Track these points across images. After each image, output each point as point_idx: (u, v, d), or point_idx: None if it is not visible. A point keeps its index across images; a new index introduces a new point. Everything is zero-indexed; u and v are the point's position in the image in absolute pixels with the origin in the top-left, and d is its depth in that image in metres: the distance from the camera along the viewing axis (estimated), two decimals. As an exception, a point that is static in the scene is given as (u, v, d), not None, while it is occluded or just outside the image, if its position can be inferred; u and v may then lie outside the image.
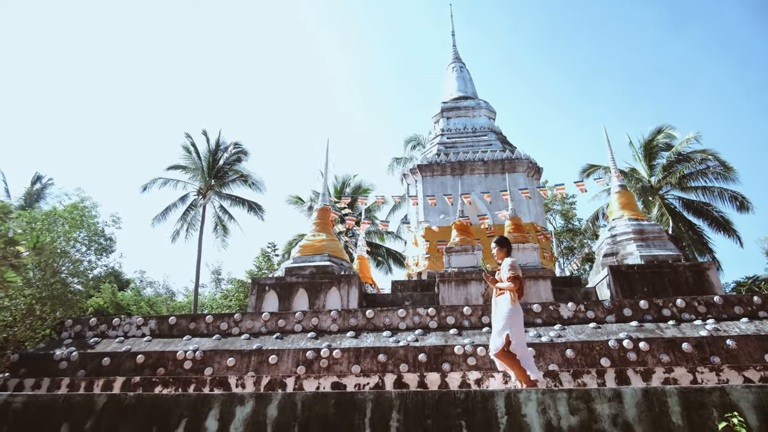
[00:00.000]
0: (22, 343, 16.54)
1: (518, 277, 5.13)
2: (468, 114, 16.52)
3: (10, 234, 10.96)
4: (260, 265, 23.68)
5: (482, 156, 14.74)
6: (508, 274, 5.14)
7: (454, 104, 16.94)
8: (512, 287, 5.10)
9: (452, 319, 7.67)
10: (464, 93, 17.48)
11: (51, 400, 4.52)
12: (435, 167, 14.70)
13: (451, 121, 16.51)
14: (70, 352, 7.73)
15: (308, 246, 11.65)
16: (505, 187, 14.13)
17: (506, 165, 14.49)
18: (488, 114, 16.63)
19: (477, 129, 16.03)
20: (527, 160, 14.62)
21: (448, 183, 14.43)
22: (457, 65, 18.48)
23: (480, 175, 14.40)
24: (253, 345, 7.55)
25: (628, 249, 10.62)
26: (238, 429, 3.99)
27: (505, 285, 5.16)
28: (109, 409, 4.29)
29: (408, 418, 3.86)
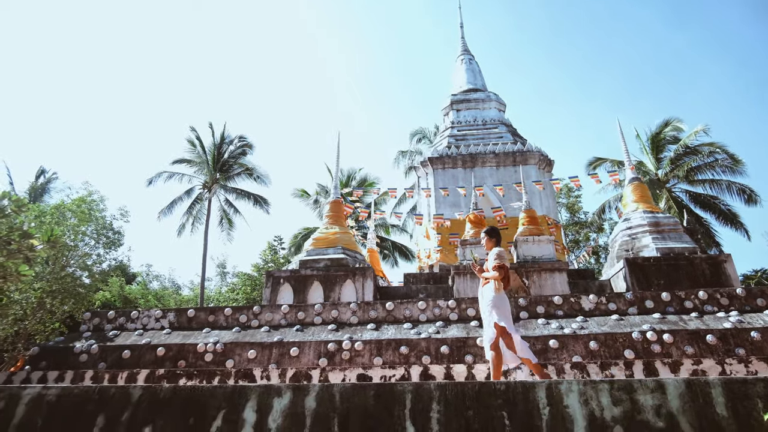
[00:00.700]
0: (33, 337, 16.57)
1: (503, 267, 5.13)
2: (478, 106, 16.43)
3: (25, 227, 10.95)
4: (267, 259, 23.65)
5: (493, 148, 14.67)
6: (494, 263, 5.14)
7: (463, 96, 16.84)
8: (497, 276, 5.08)
9: (473, 311, 7.65)
10: (474, 85, 17.37)
11: (85, 392, 4.50)
12: (446, 160, 14.64)
13: (461, 114, 16.42)
14: (90, 344, 7.73)
15: (322, 239, 11.63)
16: (516, 179, 14.08)
17: (518, 157, 14.42)
18: (498, 106, 16.54)
19: (487, 121, 15.95)
20: (539, 152, 14.55)
21: (460, 175, 14.37)
22: (466, 57, 18.35)
23: (491, 168, 14.34)
24: (273, 337, 7.54)
25: (644, 241, 10.59)
26: (276, 420, 3.97)
27: (490, 274, 5.16)
28: (145, 401, 4.27)
29: (449, 409, 3.84)
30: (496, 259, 5.16)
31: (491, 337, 5.01)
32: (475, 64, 18.27)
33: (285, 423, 3.97)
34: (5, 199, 9.18)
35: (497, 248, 5.35)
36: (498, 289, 5.09)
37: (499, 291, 5.09)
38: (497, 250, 5.29)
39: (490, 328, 5.04)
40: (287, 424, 3.97)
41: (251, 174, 28.97)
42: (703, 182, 23.45)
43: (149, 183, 26.99)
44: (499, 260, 5.14)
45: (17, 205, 10.25)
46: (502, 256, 5.21)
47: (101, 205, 17.94)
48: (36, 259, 12.08)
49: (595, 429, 3.64)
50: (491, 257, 5.25)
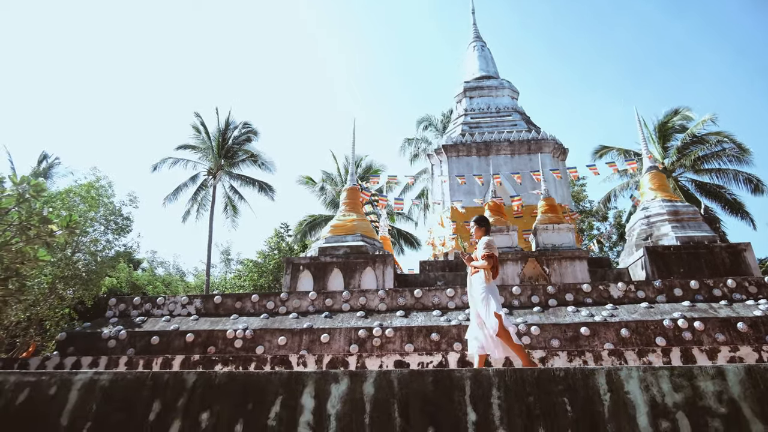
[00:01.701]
0: (43, 322, 16.56)
1: (492, 256, 5.10)
2: (491, 94, 16.32)
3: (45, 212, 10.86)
4: (273, 245, 23.63)
5: (508, 136, 14.60)
6: (483, 252, 5.10)
7: (476, 84, 16.71)
8: (486, 266, 5.05)
9: (501, 298, 7.66)
10: (486, 72, 17.23)
11: (138, 378, 4.49)
12: (460, 147, 14.56)
13: (474, 101, 16.30)
14: (117, 330, 7.72)
15: (340, 226, 11.61)
16: (531, 167, 14.07)
17: (533, 146, 14.38)
18: (511, 94, 16.43)
19: (501, 109, 15.85)
20: (553, 140, 14.50)
21: (474, 163, 14.32)
22: (478, 44, 18.17)
23: (506, 156, 14.29)
24: (303, 324, 7.56)
25: (663, 230, 10.63)
26: (335, 406, 3.98)
27: (479, 263, 5.12)
28: (200, 387, 4.26)
29: (509, 395, 3.86)
30: (486, 248, 5.12)
31: (495, 328, 4.95)
32: (488, 51, 18.10)
33: (344, 409, 3.98)
34: (24, 183, 9.09)
35: (486, 237, 5.31)
36: (488, 278, 5.08)
37: (488, 281, 5.07)
38: (486, 239, 5.25)
39: (490, 319, 4.99)
40: (347, 409, 3.98)
41: (256, 160, 28.79)
42: (709, 171, 23.49)
43: (154, 169, 26.83)
44: (488, 249, 5.10)
45: (36, 189, 10.17)
46: (492, 245, 5.18)
47: (110, 190, 17.83)
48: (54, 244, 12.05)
49: (657, 415, 3.67)
50: (480, 246, 5.22)
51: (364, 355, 6.35)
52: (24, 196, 9.08)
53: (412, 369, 4.54)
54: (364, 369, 6.16)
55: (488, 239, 5.26)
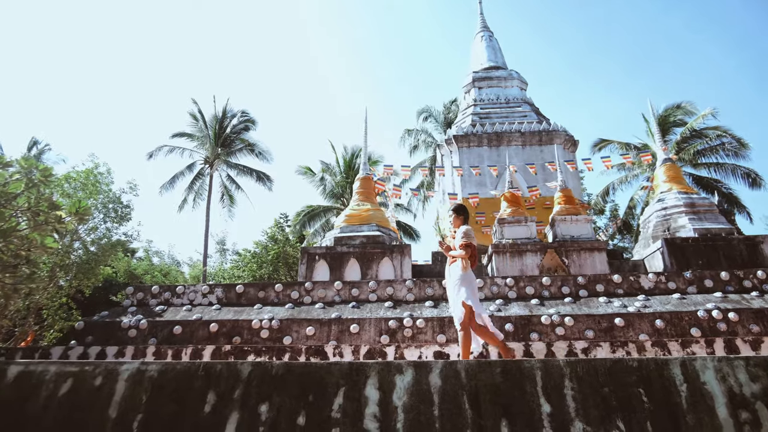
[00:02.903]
0: (42, 311, 16.13)
1: (470, 245, 5.05)
2: (500, 84, 16.18)
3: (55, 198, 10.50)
4: (273, 236, 23.32)
5: (519, 127, 14.50)
6: (461, 241, 5.06)
7: (485, 74, 16.55)
8: (464, 255, 5.00)
9: (531, 289, 7.61)
10: (495, 63, 17.08)
11: (188, 368, 4.30)
12: (471, 138, 14.44)
13: (483, 92, 16.16)
14: (138, 320, 7.50)
15: (354, 216, 11.44)
16: (542, 159, 14.01)
17: (544, 137, 14.31)
18: (520, 85, 16.33)
19: (510, 100, 15.74)
20: (564, 132, 14.45)
21: (485, 154, 14.21)
22: (486, 34, 17.99)
23: (517, 147, 14.20)
24: (330, 314, 7.41)
25: (680, 222, 10.65)
26: (401, 398, 3.85)
27: (457, 252, 5.07)
28: (256, 378, 4.10)
29: (582, 386, 3.76)
30: (464, 237, 5.07)
31: (460, 317, 4.92)
32: (495, 41, 17.93)
33: (411, 401, 3.85)
34: (32, 167, 8.75)
35: (465, 226, 5.26)
36: (465, 267, 5.00)
37: (466, 269, 5.00)
38: (465, 228, 5.19)
39: (458, 308, 4.95)
40: (414, 401, 3.85)
41: (253, 150, 28.37)
42: (707, 165, 23.73)
43: (150, 157, 26.28)
44: (466, 238, 5.06)
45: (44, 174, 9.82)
46: (470, 235, 5.12)
47: (109, 177, 17.37)
48: (64, 231, 11.68)
49: (736, 405, 3.60)
50: (458, 235, 5.17)
51: (402, 346, 6.23)
52: (33, 180, 8.75)
53: (479, 359, 4.42)
54: (403, 360, 6.05)
55: (466, 228, 5.20)
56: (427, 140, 28.52)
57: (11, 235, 8.32)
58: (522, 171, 13.51)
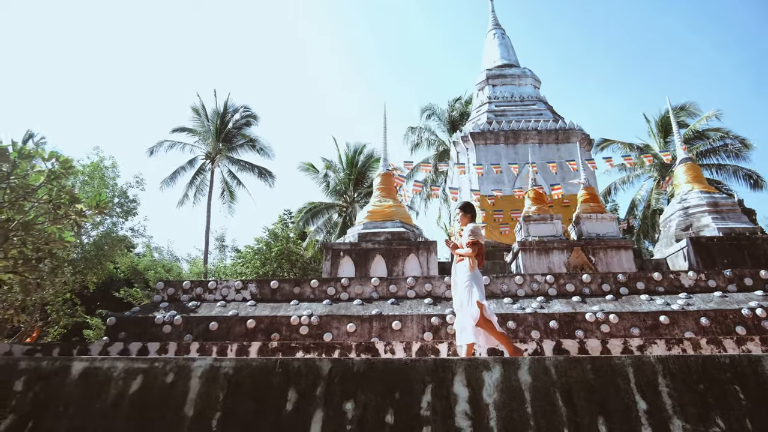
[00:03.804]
0: (47, 306, 15.78)
1: (477, 243, 4.97)
2: (514, 82, 16.17)
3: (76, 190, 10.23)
4: (278, 232, 23.08)
5: (536, 125, 14.50)
6: (468, 239, 4.97)
7: (499, 72, 16.52)
8: (470, 253, 4.92)
9: (571, 286, 7.58)
10: (508, 60, 17.06)
11: (264, 365, 4.17)
12: (488, 135, 14.40)
13: (497, 89, 16.13)
14: (172, 315, 7.31)
15: (377, 212, 11.33)
16: (558, 157, 14.03)
17: (560, 135, 14.32)
18: (534, 83, 16.33)
19: (525, 98, 15.73)
20: (580, 131, 14.47)
21: (502, 152, 14.18)
22: (498, 32, 17.97)
23: (534, 145, 14.19)
24: (371, 310, 7.30)
25: (703, 221, 10.72)
26: (492, 395, 3.76)
27: (463, 251, 5.00)
28: (337, 375, 3.98)
29: (677, 383, 3.71)
30: (471, 235, 4.98)
31: (475, 317, 4.81)
32: (507, 38, 17.92)
33: (502, 398, 3.77)
34: (52, 159, 8.49)
35: (472, 224, 5.16)
36: (472, 267, 4.92)
37: (473, 269, 4.92)
38: (472, 226, 5.10)
39: (472, 307, 4.83)
40: (505, 398, 3.76)
41: (254, 145, 28.07)
42: (710, 167, 24.02)
43: (150, 152, 25.85)
44: (473, 236, 4.97)
45: (64, 166, 9.56)
46: (477, 233, 5.04)
47: (115, 171, 17.03)
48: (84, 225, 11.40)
49: (834, 402, 3.59)
50: (465, 233, 5.07)
51: (455, 343, 6.14)
52: (55, 173, 8.51)
53: (567, 356, 4.35)
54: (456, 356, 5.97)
55: (474, 226, 5.11)
56: (430, 138, 28.48)
57: (32, 228, 8.04)
58: (540, 169, 13.50)
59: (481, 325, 4.81)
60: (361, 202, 27.55)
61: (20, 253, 8.36)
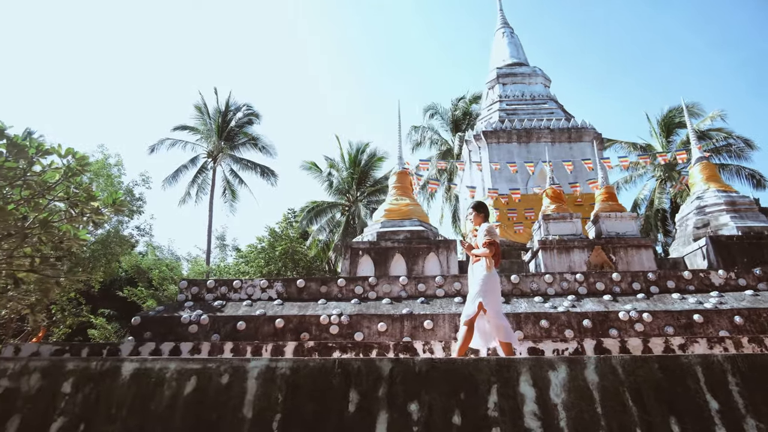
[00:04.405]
0: (52, 305, 15.54)
1: (494, 243, 4.87)
2: (524, 81, 16.15)
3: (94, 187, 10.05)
4: (282, 230, 22.91)
5: (548, 124, 14.49)
6: (484, 239, 4.87)
7: (509, 70, 16.50)
8: (487, 253, 4.82)
9: (602, 285, 7.54)
10: (517, 59, 17.05)
11: (322, 365, 4.07)
12: (501, 134, 14.36)
13: (507, 88, 16.10)
14: (198, 315, 7.19)
15: (394, 210, 11.25)
16: (570, 156, 14.02)
17: (573, 134, 14.32)
18: (544, 82, 16.33)
19: (536, 96, 15.72)
20: (593, 130, 14.48)
21: (514, 150, 14.15)
22: (507, 30, 17.95)
23: (546, 144, 14.16)
24: (401, 309, 7.22)
25: (722, 220, 10.73)
26: (559, 395, 3.69)
27: (480, 251, 4.88)
28: (398, 375, 3.90)
29: (746, 381, 3.66)
30: (487, 235, 4.88)
31: (469, 315, 4.76)
32: (516, 37, 17.90)
33: (570, 397, 3.70)
34: (69, 155, 8.32)
35: (486, 224, 5.07)
36: (489, 266, 4.81)
37: (490, 269, 4.81)
38: (487, 226, 5.00)
39: (472, 305, 4.77)
40: (573, 398, 3.69)
41: (256, 144, 27.90)
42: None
43: (152, 150, 25.60)
44: (489, 236, 4.86)
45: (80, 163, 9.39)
46: (493, 232, 4.94)
47: (121, 168, 16.82)
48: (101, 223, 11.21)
49: None
50: (481, 233, 4.97)
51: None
52: (72, 170, 8.34)
53: (634, 355, 4.29)
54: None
55: (489, 226, 5.02)
56: (433, 137, 28.43)
57: (51, 226, 7.87)
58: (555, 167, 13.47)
59: (470, 324, 4.72)
60: (364, 201, 27.45)
61: (38, 252, 8.18)
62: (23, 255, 7.99)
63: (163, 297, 19.26)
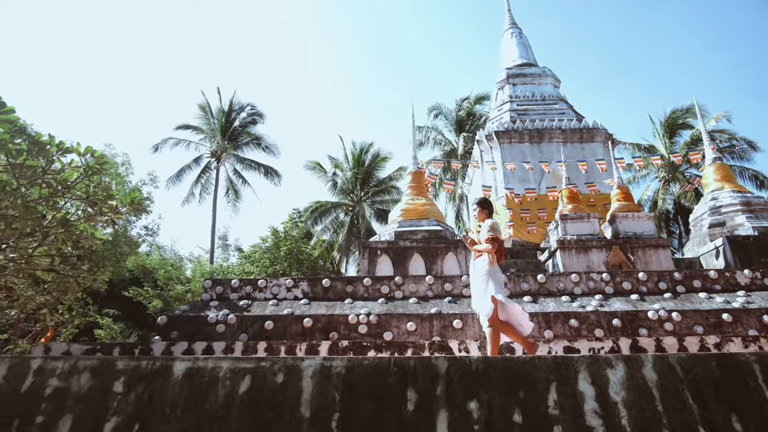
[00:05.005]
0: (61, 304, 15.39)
1: (496, 239, 4.92)
2: (534, 81, 16.20)
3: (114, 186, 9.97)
4: (287, 230, 22.82)
5: (560, 124, 14.52)
6: (487, 235, 4.93)
7: (519, 71, 16.54)
8: (489, 249, 4.87)
9: (628, 284, 7.57)
10: (527, 60, 17.09)
11: (377, 363, 4.05)
12: (513, 134, 14.39)
13: (517, 88, 16.14)
14: (225, 314, 7.14)
15: (411, 210, 11.25)
16: (582, 156, 14.06)
17: (584, 134, 14.36)
18: (554, 82, 16.38)
19: (546, 97, 15.76)
20: (604, 130, 14.53)
21: (527, 150, 14.17)
22: (515, 31, 17.99)
23: (558, 144, 14.19)
24: (429, 309, 7.21)
25: (737, 220, 10.80)
26: (618, 393, 3.68)
27: (482, 247, 4.93)
28: (455, 373, 3.87)
29: (806, 380, 3.69)
30: (489, 231, 4.93)
31: (488, 312, 4.76)
32: (525, 38, 17.95)
33: (630, 396, 3.69)
34: (88, 154, 8.25)
35: (490, 220, 5.11)
36: (492, 262, 4.85)
37: (492, 264, 4.84)
38: (490, 222, 5.05)
39: (486, 303, 4.78)
40: (633, 396, 3.69)
41: (259, 143, 27.77)
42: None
43: (155, 149, 25.42)
44: (492, 232, 4.92)
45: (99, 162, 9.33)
46: (496, 228, 4.99)
47: (128, 168, 16.72)
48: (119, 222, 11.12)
49: None
50: (484, 229, 5.01)
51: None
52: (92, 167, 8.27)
53: (690, 353, 4.29)
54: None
55: (492, 222, 5.07)
56: (437, 138, 28.44)
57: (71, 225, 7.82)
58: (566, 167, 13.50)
59: (493, 322, 4.72)
60: (368, 202, 27.42)
61: (58, 251, 8.11)
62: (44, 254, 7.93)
63: (169, 297, 19.16)
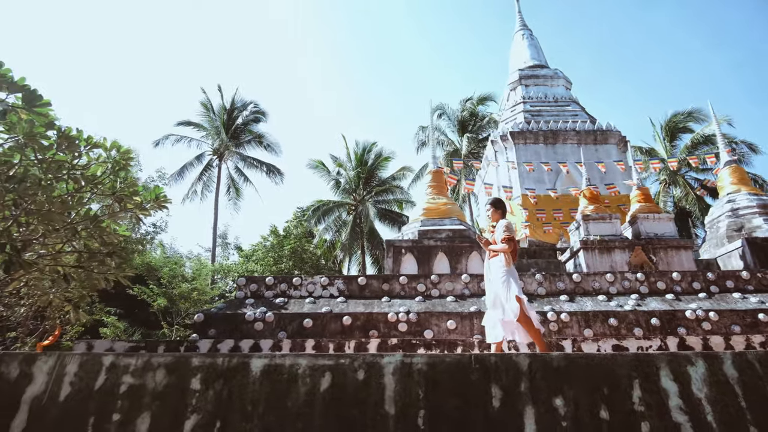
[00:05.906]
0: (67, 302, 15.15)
1: (512, 239, 4.95)
2: (546, 83, 16.32)
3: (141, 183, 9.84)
4: (293, 227, 22.73)
5: (573, 126, 14.65)
6: (503, 235, 4.96)
7: (531, 72, 16.65)
8: (506, 249, 4.91)
9: (662, 284, 7.64)
10: (538, 61, 17.21)
11: (458, 360, 4.03)
12: (527, 135, 14.47)
13: (530, 89, 16.24)
14: (263, 312, 7.08)
15: (433, 209, 11.26)
16: (596, 158, 14.20)
17: (599, 136, 14.50)
18: (566, 84, 16.52)
19: (558, 99, 15.89)
20: (618, 132, 14.69)
21: (541, 151, 14.27)
22: (526, 32, 18.11)
23: (572, 145, 14.32)
24: (469, 307, 7.22)
25: (755, 222, 10.97)
26: (701, 390, 3.72)
27: (498, 247, 4.98)
28: (537, 370, 3.88)
29: None
30: (505, 231, 4.97)
31: (516, 312, 4.82)
32: (536, 39, 18.07)
33: (712, 392, 3.73)
34: (114, 149, 8.15)
35: (504, 220, 5.16)
36: (508, 263, 4.91)
37: (509, 264, 4.91)
38: (505, 222, 5.08)
39: (511, 303, 4.83)
40: (715, 393, 3.73)
41: (261, 142, 27.62)
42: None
43: (156, 145, 25.15)
44: (508, 232, 4.96)
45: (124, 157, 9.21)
46: (511, 228, 5.03)
47: (137, 165, 16.50)
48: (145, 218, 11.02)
49: None
50: (499, 229, 5.04)
51: (578, 340, 6.12)
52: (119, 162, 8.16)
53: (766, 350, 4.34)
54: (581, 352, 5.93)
55: (507, 222, 5.10)
56: (439, 138, 28.52)
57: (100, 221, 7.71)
58: (579, 169, 13.62)
59: (521, 321, 4.77)
60: (370, 201, 27.40)
61: (86, 247, 7.99)
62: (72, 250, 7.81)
63: (173, 295, 18.96)
